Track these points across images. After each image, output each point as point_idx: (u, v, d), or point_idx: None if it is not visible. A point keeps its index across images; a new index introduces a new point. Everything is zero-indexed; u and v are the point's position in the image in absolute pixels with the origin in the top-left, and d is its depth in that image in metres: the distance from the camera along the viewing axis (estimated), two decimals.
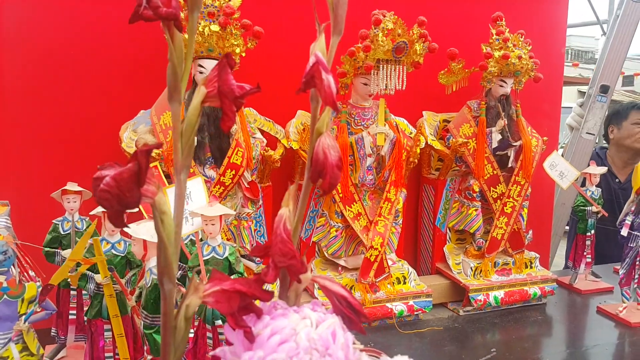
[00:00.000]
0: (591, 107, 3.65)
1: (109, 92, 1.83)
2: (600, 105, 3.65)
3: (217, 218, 1.24)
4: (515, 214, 2.11)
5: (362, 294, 1.86)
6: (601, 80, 3.67)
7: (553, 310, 2.14)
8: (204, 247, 1.27)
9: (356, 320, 0.61)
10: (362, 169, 1.90)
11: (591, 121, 3.65)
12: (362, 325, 0.61)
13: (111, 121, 1.74)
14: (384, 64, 1.75)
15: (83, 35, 1.79)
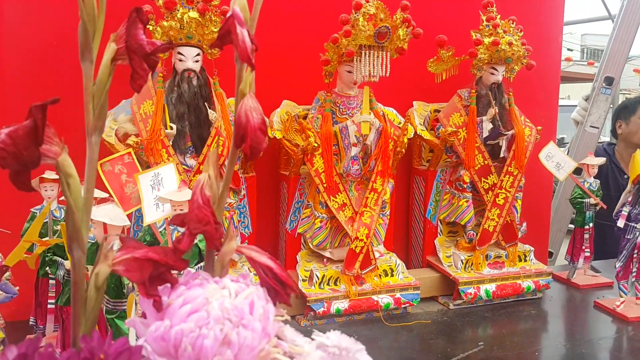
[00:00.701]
0: (595, 100, 3.57)
1: None
2: (604, 98, 3.57)
3: (186, 203, 1.21)
4: (508, 205, 2.06)
5: (347, 286, 1.82)
6: (605, 72, 3.59)
7: (548, 305, 2.08)
8: (174, 233, 1.25)
9: (282, 292, 0.58)
10: (347, 158, 1.86)
11: (595, 114, 3.57)
12: (288, 298, 0.58)
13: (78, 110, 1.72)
14: (367, 50, 1.71)
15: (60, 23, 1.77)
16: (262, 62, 2.00)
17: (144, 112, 1.67)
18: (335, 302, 1.80)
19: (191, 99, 1.68)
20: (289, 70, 2.03)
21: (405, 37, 1.71)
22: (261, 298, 0.54)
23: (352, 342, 0.58)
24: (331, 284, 1.85)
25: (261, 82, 1.97)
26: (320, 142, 1.81)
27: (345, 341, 0.58)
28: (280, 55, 2.02)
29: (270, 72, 2.01)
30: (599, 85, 3.59)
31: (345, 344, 0.57)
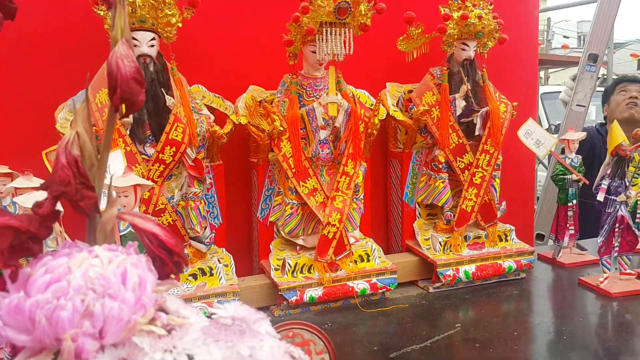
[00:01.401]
0: (581, 78, 3.52)
1: (44, 72, 1.75)
2: (589, 76, 3.52)
3: (131, 189, 1.17)
4: (486, 184, 2.01)
5: (320, 273, 1.77)
6: (589, 50, 3.54)
7: (532, 284, 2.03)
8: (121, 222, 1.19)
9: (169, 261, 0.53)
10: (316, 142, 1.81)
11: (581, 92, 3.52)
12: (175, 267, 0.53)
13: (45, 103, 1.67)
14: (328, 28, 1.65)
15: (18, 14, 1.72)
16: (228, 48, 1.95)
17: (100, 101, 1.62)
18: (309, 289, 1.74)
19: (148, 85, 1.62)
20: (256, 55, 1.97)
21: (367, 13, 1.65)
22: (138, 267, 0.49)
23: (251, 312, 0.53)
24: (305, 272, 1.79)
25: (228, 68, 1.92)
26: (286, 126, 1.76)
27: (243, 311, 0.52)
28: (246, 40, 1.96)
29: (236, 57, 1.96)
30: (584, 62, 3.53)
31: (243, 314, 0.52)
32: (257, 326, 0.51)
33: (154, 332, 0.47)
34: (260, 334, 0.50)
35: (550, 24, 13.94)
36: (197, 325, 0.48)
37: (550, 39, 12.95)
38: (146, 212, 1.61)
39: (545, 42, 12.35)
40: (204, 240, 1.71)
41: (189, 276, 1.67)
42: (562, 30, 14.80)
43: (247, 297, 1.76)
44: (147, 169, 1.60)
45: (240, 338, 0.48)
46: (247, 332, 0.49)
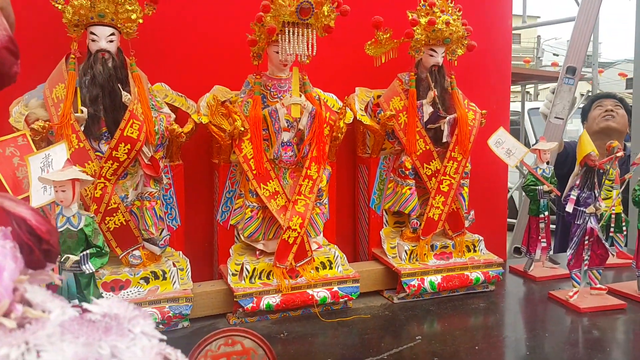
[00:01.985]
0: (559, 91, 3.53)
1: None
2: (567, 88, 3.52)
3: (69, 184, 1.11)
4: (453, 192, 1.97)
5: (279, 280, 1.72)
6: (567, 62, 3.55)
7: (500, 298, 1.98)
8: (59, 218, 1.14)
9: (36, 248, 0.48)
10: (278, 143, 1.76)
11: (559, 105, 3.52)
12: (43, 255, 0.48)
13: None
14: (291, 28, 1.62)
15: None
16: (193, 46, 1.91)
17: (56, 96, 1.57)
18: (266, 297, 1.69)
19: (105, 81, 1.57)
20: (222, 54, 1.93)
21: (331, 14, 1.62)
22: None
23: (129, 309, 0.48)
24: (263, 278, 1.74)
25: (192, 67, 1.88)
26: (248, 126, 1.71)
27: (119, 308, 0.48)
28: (212, 39, 1.93)
29: (201, 56, 1.92)
30: (562, 75, 3.55)
31: (117, 311, 0.47)
32: (132, 325, 0.47)
33: (3, 325, 0.42)
34: (132, 333, 0.46)
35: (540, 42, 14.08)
36: (55, 320, 0.43)
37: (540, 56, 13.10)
38: (97, 211, 1.55)
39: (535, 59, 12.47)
40: (158, 242, 1.66)
41: (141, 279, 1.61)
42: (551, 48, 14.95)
43: (203, 303, 1.71)
44: (100, 166, 1.55)
45: (104, 336, 0.44)
46: (115, 330, 0.44)
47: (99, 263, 1.24)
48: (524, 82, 6.85)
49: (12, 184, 1.24)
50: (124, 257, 1.64)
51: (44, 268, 0.48)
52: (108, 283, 1.57)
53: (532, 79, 7.23)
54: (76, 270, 1.20)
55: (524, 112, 6.43)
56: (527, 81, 7.07)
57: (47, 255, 0.47)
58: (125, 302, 0.48)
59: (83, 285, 1.22)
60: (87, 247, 1.20)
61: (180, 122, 1.76)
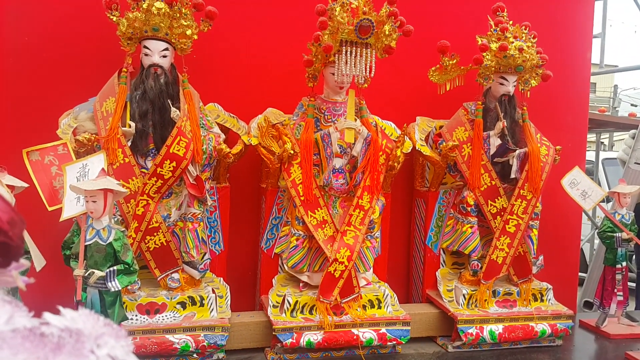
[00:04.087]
0: (639, 135, 3.24)
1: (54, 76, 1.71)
2: None
3: (100, 194, 1.05)
4: (521, 234, 1.78)
5: (322, 316, 1.58)
6: None
7: (568, 354, 1.77)
8: (88, 231, 1.08)
9: None
10: (329, 169, 1.66)
11: (639, 150, 3.23)
12: None
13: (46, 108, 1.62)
14: (349, 47, 1.53)
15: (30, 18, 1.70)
16: (248, 67, 1.87)
17: (106, 110, 1.55)
18: (307, 333, 1.56)
19: (156, 96, 1.54)
20: (277, 76, 1.88)
21: (392, 34, 1.52)
22: None
23: (97, 326, 0.38)
24: (306, 313, 1.62)
25: (247, 88, 1.83)
26: (298, 150, 1.63)
27: (85, 322, 0.37)
28: (268, 60, 1.88)
29: (256, 78, 1.87)
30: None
31: (81, 327, 0.37)
32: (97, 344, 0.36)
33: None
34: (93, 354, 0.35)
35: (617, 91, 13.43)
36: None
37: (616, 106, 12.51)
38: (138, 230, 1.50)
39: (611, 109, 11.90)
40: (198, 266, 1.58)
41: (177, 304, 1.53)
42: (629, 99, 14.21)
43: (240, 335, 1.60)
44: (144, 182, 1.50)
45: (52, 354, 0.33)
46: (69, 348, 0.34)
47: (126, 281, 1.16)
48: (599, 129, 6.46)
49: (47, 193, 1.20)
50: (162, 279, 1.57)
51: (4, 267, 0.39)
52: (143, 305, 1.50)
53: (609, 127, 6.81)
54: (101, 287, 1.13)
55: (598, 162, 6.04)
56: (603, 128, 6.65)
57: (4, 250, 0.38)
58: (95, 316, 0.38)
59: (108, 304, 1.14)
60: (116, 264, 1.13)
61: (230, 144, 1.70)
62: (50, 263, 1.35)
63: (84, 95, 1.61)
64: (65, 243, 1.20)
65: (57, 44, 1.70)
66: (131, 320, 1.45)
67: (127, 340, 0.38)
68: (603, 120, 6.64)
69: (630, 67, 6.19)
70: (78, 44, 1.71)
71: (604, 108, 11.11)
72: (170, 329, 1.47)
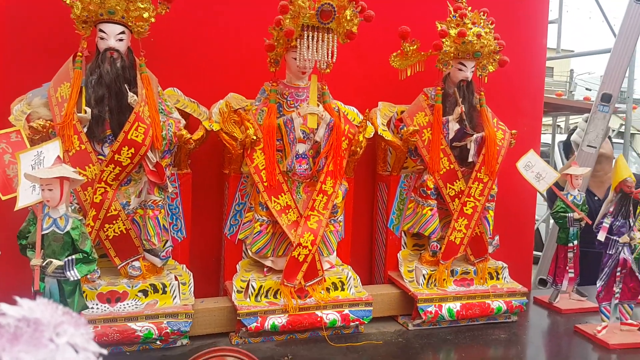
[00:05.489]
0: (592, 119, 3.36)
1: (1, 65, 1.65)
2: (602, 116, 3.35)
3: (56, 182, 1.03)
4: (477, 215, 1.84)
5: (287, 299, 1.60)
6: (603, 89, 3.40)
7: (523, 329, 1.84)
8: (45, 220, 1.06)
9: None
10: (292, 155, 1.67)
11: (592, 133, 3.34)
12: None
13: None
14: (311, 32, 1.53)
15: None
16: (209, 51, 1.84)
17: (61, 95, 1.50)
18: (272, 316, 1.58)
19: (112, 81, 1.51)
20: (239, 61, 1.86)
21: (353, 19, 1.53)
22: None
23: (55, 314, 0.38)
24: (270, 297, 1.63)
25: (207, 73, 1.80)
26: (261, 135, 1.63)
27: (43, 312, 0.37)
28: (229, 45, 1.86)
29: (217, 62, 1.85)
30: (596, 102, 3.39)
31: (38, 316, 0.37)
32: (56, 333, 0.36)
33: None
34: (52, 343, 0.35)
35: (573, 76, 13.84)
36: None
37: (572, 90, 12.89)
38: (96, 218, 1.47)
39: (567, 93, 12.26)
40: (159, 253, 1.57)
41: (139, 292, 1.52)
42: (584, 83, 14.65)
43: (204, 321, 1.60)
44: (101, 170, 1.47)
45: (9, 345, 0.33)
46: (27, 338, 0.34)
47: (85, 270, 1.14)
48: (556, 113, 6.65)
49: (0, 182, 1.16)
50: (122, 267, 1.55)
51: None
52: (104, 294, 1.48)
53: (564, 110, 7.02)
54: (60, 277, 1.11)
55: (554, 145, 6.23)
56: (559, 112, 6.86)
57: None
58: (53, 306, 0.38)
59: (67, 294, 1.13)
60: (74, 252, 1.11)
61: (191, 129, 1.68)
62: (6, 253, 1.32)
63: (38, 80, 1.56)
64: (21, 233, 1.17)
65: (7, 28, 1.63)
66: (92, 309, 1.44)
67: (87, 329, 0.38)
68: (560, 104, 6.86)
69: (585, 52, 6.39)
70: (30, 28, 1.64)
71: (560, 92, 11.45)
72: (132, 317, 1.46)
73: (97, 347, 0.38)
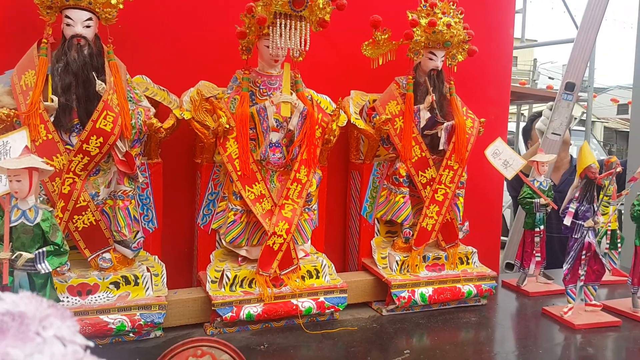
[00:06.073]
0: (557, 107, 3.45)
1: None
2: (566, 104, 3.45)
3: (25, 173, 1.00)
4: (448, 202, 1.87)
5: (262, 288, 1.60)
6: (567, 78, 3.49)
7: (492, 312, 1.89)
8: (13, 211, 1.03)
9: None
10: (266, 144, 1.66)
11: (557, 121, 3.44)
12: None
13: None
14: (284, 20, 1.52)
15: None
16: (179, 37, 1.81)
17: (25, 83, 1.45)
18: (247, 306, 1.58)
19: (79, 69, 1.46)
20: (210, 48, 1.83)
21: (326, 7, 1.53)
22: None
23: (40, 307, 0.37)
24: (245, 286, 1.63)
25: (178, 60, 1.77)
26: (234, 124, 1.61)
27: (27, 305, 0.37)
28: (200, 31, 1.83)
29: (188, 49, 1.82)
30: (561, 91, 3.48)
31: (23, 309, 0.36)
32: (42, 326, 0.36)
33: None
34: (40, 336, 0.35)
35: (536, 65, 14.13)
36: None
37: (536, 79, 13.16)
38: (65, 209, 1.44)
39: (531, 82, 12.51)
40: (130, 245, 1.54)
41: (110, 284, 1.49)
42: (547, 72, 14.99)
43: (178, 312, 1.59)
44: (69, 160, 1.43)
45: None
46: (13, 332, 0.34)
47: (57, 262, 1.12)
48: (520, 101, 6.81)
49: None
50: (92, 259, 1.52)
51: None
52: (74, 287, 1.45)
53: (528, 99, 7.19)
54: (30, 270, 1.08)
55: (518, 133, 6.38)
56: (523, 101, 7.02)
57: None
58: (37, 299, 0.37)
59: (38, 287, 1.10)
60: (44, 245, 1.08)
61: (161, 117, 1.65)
62: None
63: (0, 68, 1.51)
64: None
65: None
66: (62, 303, 1.40)
67: (73, 321, 0.38)
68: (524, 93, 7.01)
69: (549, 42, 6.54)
70: None
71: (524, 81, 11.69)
72: (104, 310, 1.43)
73: (84, 339, 0.38)
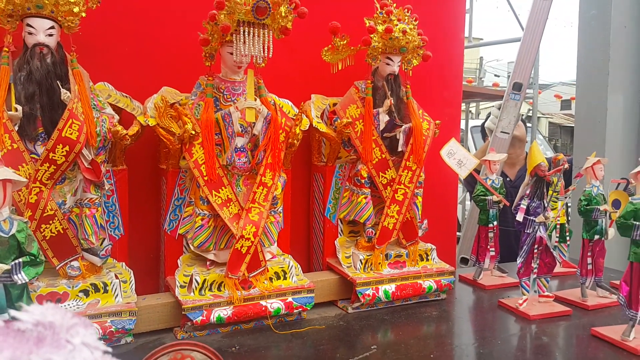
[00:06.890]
0: (505, 106, 3.62)
1: None
2: (513, 104, 3.63)
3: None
4: (408, 201, 1.96)
5: (231, 291, 1.64)
6: (514, 79, 3.66)
7: (452, 306, 1.99)
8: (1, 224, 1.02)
9: None
10: (231, 149, 1.69)
11: (505, 120, 3.61)
12: None
13: None
14: (247, 28, 1.56)
15: None
16: (141, 45, 1.81)
17: None
18: (217, 309, 1.60)
19: (43, 77, 1.46)
20: (172, 54, 1.85)
21: (288, 15, 1.58)
22: None
23: (66, 317, 0.40)
24: (214, 290, 1.65)
25: (139, 67, 1.78)
26: (199, 130, 1.63)
27: (54, 315, 0.40)
28: (161, 38, 1.84)
29: (150, 56, 1.83)
30: (509, 91, 3.65)
31: (51, 319, 0.39)
32: (70, 334, 0.39)
33: None
34: (70, 344, 0.38)
35: (483, 63, 14.61)
36: None
37: (482, 77, 13.59)
38: (32, 218, 1.43)
39: (477, 79, 12.91)
40: (98, 252, 1.54)
41: (80, 292, 1.49)
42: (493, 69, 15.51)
43: (148, 318, 1.60)
44: (35, 169, 1.42)
45: (36, 348, 0.36)
46: (49, 340, 0.37)
47: (33, 273, 1.12)
48: (468, 99, 7.06)
49: None
50: (61, 268, 1.51)
51: None
52: (44, 296, 1.44)
53: (476, 97, 7.47)
54: (7, 281, 1.08)
55: (467, 130, 6.61)
56: (471, 99, 7.28)
57: None
58: (62, 309, 0.41)
59: (14, 298, 1.10)
60: (20, 256, 1.08)
61: (124, 124, 1.66)
62: None
63: None
64: None
65: None
66: None
67: (94, 329, 0.41)
68: (471, 92, 7.26)
69: (495, 41, 6.80)
70: None
71: (471, 79, 12.06)
72: None
73: (104, 345, 0.41)
